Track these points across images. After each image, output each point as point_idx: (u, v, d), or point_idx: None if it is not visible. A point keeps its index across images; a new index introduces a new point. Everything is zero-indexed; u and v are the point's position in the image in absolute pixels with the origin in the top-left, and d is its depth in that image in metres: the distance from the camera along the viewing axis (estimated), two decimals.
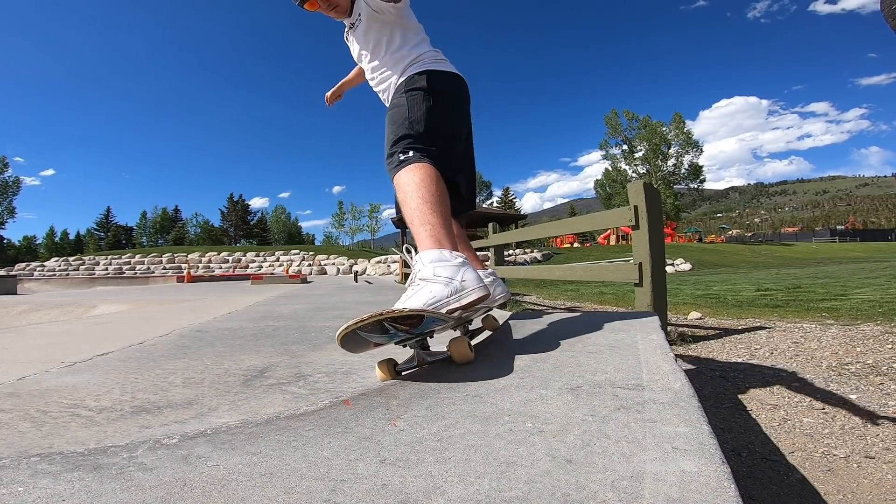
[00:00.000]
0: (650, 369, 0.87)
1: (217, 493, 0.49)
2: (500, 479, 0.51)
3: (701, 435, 0.58)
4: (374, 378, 1.75)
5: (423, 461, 0.56)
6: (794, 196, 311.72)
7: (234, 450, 0.59)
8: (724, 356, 2.63)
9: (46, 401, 1.55)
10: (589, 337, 1.20)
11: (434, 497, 0.48)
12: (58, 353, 2.44)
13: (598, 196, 48.43)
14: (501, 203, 70.31)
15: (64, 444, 1.18)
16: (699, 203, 50.49)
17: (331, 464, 0.55)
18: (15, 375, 1.91)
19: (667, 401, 0.71)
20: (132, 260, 28.62)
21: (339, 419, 0.69)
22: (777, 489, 1.20)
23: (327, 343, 2.65)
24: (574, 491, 0.48)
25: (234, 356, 2.27)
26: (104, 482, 0.51)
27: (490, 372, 0.92)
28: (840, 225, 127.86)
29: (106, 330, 3.57)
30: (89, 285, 21.56)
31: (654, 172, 42.53)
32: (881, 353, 2.40)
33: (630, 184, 2.86)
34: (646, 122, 43.86)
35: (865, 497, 1.14)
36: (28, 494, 0.49)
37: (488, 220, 11.16)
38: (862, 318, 3.50)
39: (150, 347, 2.62)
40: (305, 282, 14.89)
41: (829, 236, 74.66)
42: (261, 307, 4.72)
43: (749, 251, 28.68)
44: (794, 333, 3.08)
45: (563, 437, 0.60)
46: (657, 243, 2.74)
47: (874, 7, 1.75)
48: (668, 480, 0.48)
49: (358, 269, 21.88)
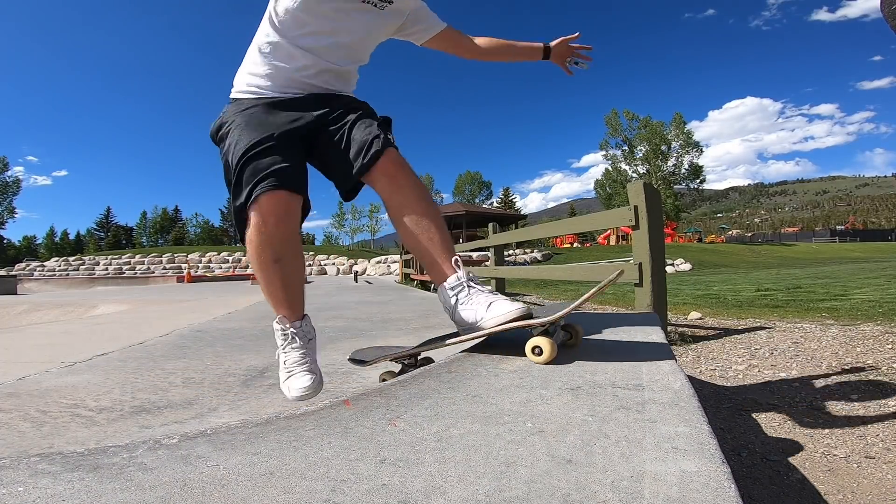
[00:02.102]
0: (650, 369, 0.87)
1: (217, 493, 0.49)
2: (500, 479, 0.51)
3: (701, 435, 0.58)
4: (373, 378, 1.75)
5: (423, 461, 0.56)
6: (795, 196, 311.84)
7: (234, 450, 0.59)
8: (724, 356, 2.63)
9: (46, 401, 1.55)
10: (589, 337, 1.20)
11: (434, 497, 0.48)
12: (58, 353, 2.44)
13: (598, 196, 48.45)
14: (501, 203, 70.36)
15: (64, 443, 1.18)
16: (699, 203, 50.51)
17: (331, 464, 0.55)
18: (15, 375, 1.91)
19: (667, 401, 0.71)
20: (132, 260, 28.62)
21: (339, 419, 0.69)
22: (777, 489, 1.20)
23: (327, 343, 2.65)
24: (574, 491, 0.48)
25: (234, 356, 2.28)
26: (104, 482, 0.51)
27: (490, 372, 0.92)
28: (840, 225, 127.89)
29: (106, 330, 3.57)
30: (89, 285, 21.57)
31: (654, 172, 42.54)
32: (881, 353, 2.40)
33: (630, 184, 2.86)
34: (646, 122, 43.89)
35: (865, 497, 1.14)
36: (28, 494, 0.49)
37: (488, 220, 11.16)
38: (862, 319, 3.50)
39: (150, 347, 2.62)
40: (305, 282, 14.87)
41: (829, 236, 74.66)
42: (261, 307, 4.73)
43: (749, 251, 28.68)
44: (794, 333, 3.08)
45: (563, 437, 0.60)
46: (657, 243, 2.74)
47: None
48: (668, 480, 0.48)
49: (358, 269, 21.89)
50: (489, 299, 1.05)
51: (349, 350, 2.35)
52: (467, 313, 1.07)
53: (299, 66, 1.19)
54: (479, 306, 1.05)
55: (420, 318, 3.60)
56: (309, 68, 1.20)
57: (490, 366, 0.96)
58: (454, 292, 1.10)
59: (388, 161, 1.15)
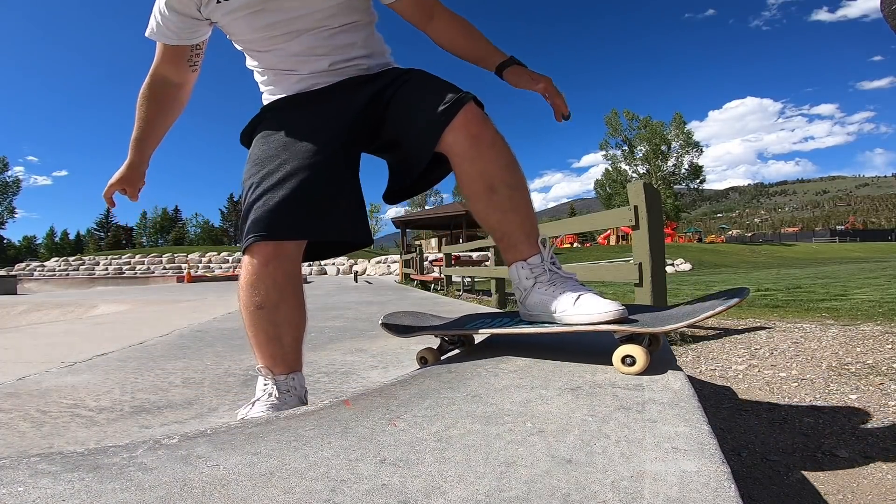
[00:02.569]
0: (650, 369, 0.87)
1: (217, 493, 0.49)
2: (500, 479, 0.51)
3: (701, 435, 0.58)
4: (373, 378, 1.75)
5: (423, 461, 0.56)
6: (794, 196, 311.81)
7: (234, 450, 0.59)
8: (724, 356, 2.63)
9: (46, 401, 1.55)
10: (589, 337, 1.20)
11: (434, 497, 0.48)
12: (58, 353, 2.44)
13: (598, 196, 48.47)
14: None
15: (64, 443, 1.18)
16: (699, 203, 50.55)
17: (331, 464, 0.55)
18: (15, 375, 1.91)
19: (667, 401, 0.71)
20: (132, 260, 28.62)
21: (339, 419, 0.69)
22: (777, 489, 1.20)
23: (327, 343, 2.65)
24: (574, 491, 0.48)
25: (234, 356, 2.28)
26: (104, 482, 0.51)
27: (490, 372, 0.92)
28: (840, 225, 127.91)
29: (106, 330, 3.57)
30: (89, 285, 21.57)
31: (654, 172, 42.55)
32: (881, 353, 2.41)
33: (630, 184, 2.86)
34: (646, 122, 43.92)
35: (865, 497, 1.14)
36: (28, 494, 0.49)
37: None
38: (862, 319, 3.50)
39: (150, 347, 2.62)
40: (305, 282, 14.86)
41: (829, 236, 74.67)
42: None
43: (749, 251, 28.68)
44: (794, 333, 3.08)
45: (563, 437, 0.60)
46: (657, 243, 2.74)
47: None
48: (668, 480, 0.48)
49: (358, 269, 21.89)
50: (578, 291, 0.91)
51: (349, 350, 2.36)
52: (545, 300, 0.94)
53: (297, 73, 1.07)
54: (565, 297, 0.91)
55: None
56: (305, 65, 1.06)
57: (490, 366, 0.96)
58: (534, 274, 0.96)
59: (469, 116, 0.94)
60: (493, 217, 0.99)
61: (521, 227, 0.98)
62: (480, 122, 0.95)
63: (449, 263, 8.60)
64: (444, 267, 8.83)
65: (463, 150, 0.95)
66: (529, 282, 0.97)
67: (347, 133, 1.04)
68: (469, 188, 0.98)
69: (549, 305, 0.93)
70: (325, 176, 0.97)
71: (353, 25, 1.07)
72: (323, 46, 1.05)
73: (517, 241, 0.99)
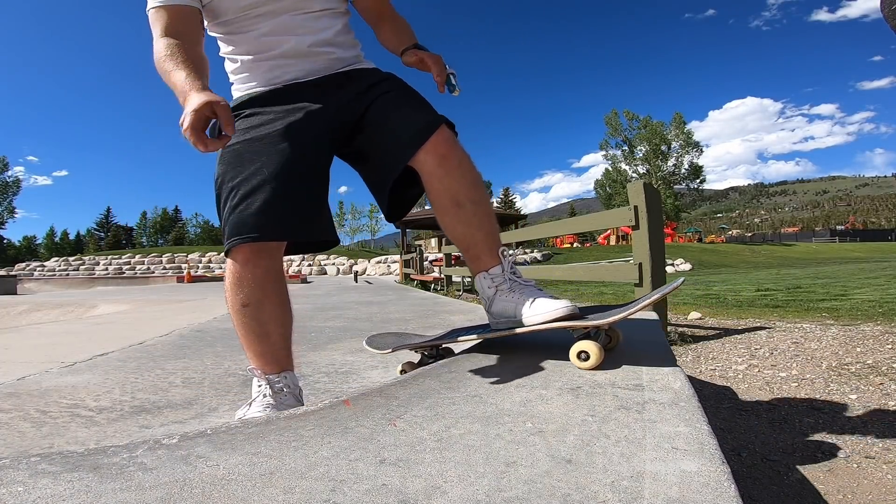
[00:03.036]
0: (650, 369, 0.87)
1: (217, 493, 0.49)
2: (500, 479, 0.51)
3: (701, 435, 0.58)
4: (373, 378, 1.75)
5: (423, 461, 0.56)
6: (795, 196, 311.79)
7: (234, 450, 0.59)
8: (724, 356, 2.63)
9: (46, 401, 1.55)
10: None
11: (434, 497, 0.48)
12: (58, 353, 2.45)
13: (598, 196, 48.49)
14: (502, 203, 70.36)
15: (64, 443, 1.18)
16: (699, 203, 50.55)
17: (331, 464, 0.55)
18: (15, 375, 1.91)
19: (667, 401, 0.71)
20: (132, 260, 28.60)
21: (339, 419, 0.69)
22: (777, 489, 1.20)
23: (327, 343, 2.65)
24: (574, 491, 0.48)
25: (234, 356, 2.28)
26: (104, 482, 0.51)
27: (490, 372, 0.92)
28: (840, 225, 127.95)
29: (106, 330, 3.57)
30: (89, 285, 21.57)
31: (654, 172, 42.56)
32: (881, 353, 2.41)
33: (630, 184, 2.86)
34: (646, 123, 43.92)
35: (865, 497, 1.14)
36: (28, 494, 0.49)
37: None
38: (862, 319, 3.50)
39: (150, 347, 2.62)
40: (305, 282, 14.90)
41: (829, 236, 74.67)
42: None
43: (749, 251, 28.68)
44: (795, 333, 3.08)
45: (563, 437, 0.60)
46: (657, 243, 2.74)
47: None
48: (667, 480, 0.48)
49: (358, 269, 21.88)
50: (533, 294, 0.98)
51: (349, 350, 2.36)
52: (506, 306, 1.01)
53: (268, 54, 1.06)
54: (522, 301, 0.98)
55: (420, 318, 3.60)
56: (277, 45, 1.05)
57: (490, 366, 0.96)
58: (495, 283, 1.03)
59: (439, 139, 1.01)
60: (458, 229, 1.06)
61: (485, 239, 1.05)
62: (449, 145, 1.03)
63: (449, 263, 8.61)
64: (444, 267, 8.84)
65: (432, 168, 1.02)
66: (492, 290, 1.04)
67: (326, 134, 1.06)
68: (437, 202, 1.06)
69: (510, 310, 1.00)
70: (305, 177, 0.99)
71: (332, 13, 1.11)
72: (302, 27, 1.07)
73: (480, 252, 1.05)
